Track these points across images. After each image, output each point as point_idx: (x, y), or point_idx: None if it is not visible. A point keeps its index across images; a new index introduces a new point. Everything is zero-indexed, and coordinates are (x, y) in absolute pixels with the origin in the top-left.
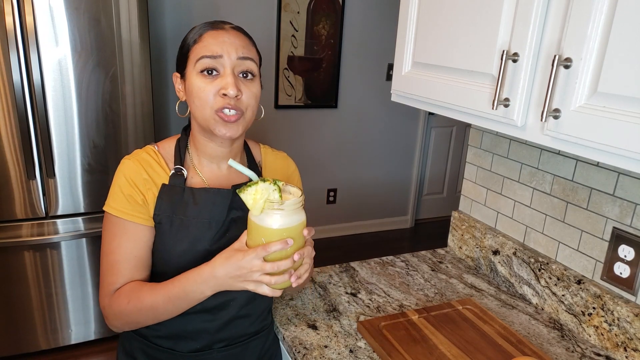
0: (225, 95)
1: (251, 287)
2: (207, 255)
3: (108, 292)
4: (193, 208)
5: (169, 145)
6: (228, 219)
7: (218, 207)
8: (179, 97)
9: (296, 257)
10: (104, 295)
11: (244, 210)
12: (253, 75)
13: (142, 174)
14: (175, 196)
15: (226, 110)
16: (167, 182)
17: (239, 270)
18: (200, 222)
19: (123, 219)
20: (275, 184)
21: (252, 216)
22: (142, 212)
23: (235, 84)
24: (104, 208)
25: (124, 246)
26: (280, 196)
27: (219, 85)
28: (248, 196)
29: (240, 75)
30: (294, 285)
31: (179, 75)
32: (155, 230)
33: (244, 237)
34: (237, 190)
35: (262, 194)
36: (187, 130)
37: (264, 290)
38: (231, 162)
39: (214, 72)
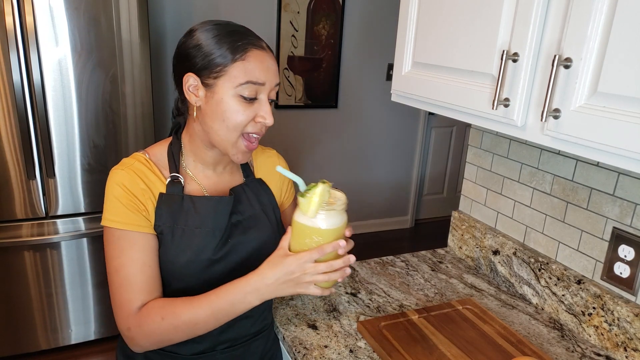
0: (259, 122)
1: (302, 289)
2: (210, 265)
3: (130, 312)
4: (194, 217)
5: (160, 152)
6: (229, 225)
7: (220, 214)
8: (189, 100)
9: (341, 251)
10: (125, 317)
11: (243, 214)
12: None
13: (139, 184)
14: (174, 205)
15: (255, 135)
16: (164, 191)
17: (291, 274)
18: (203, 231)
19: (128, 230)
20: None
21: (304, 219)
22: (146, 222)
23: (272, 112)
24: (103, 223)
25: (135, 258)
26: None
27: (255, 111)
28: (306, 199)
29: (269, 99)
30: (339, 279)
31: (198, 78)
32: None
33: (285, 242)
34: (298, 195)
35: (321, 197)
36: (177, 133)
37: (314, 291)
38: (279, 169)
39: (254, 98)
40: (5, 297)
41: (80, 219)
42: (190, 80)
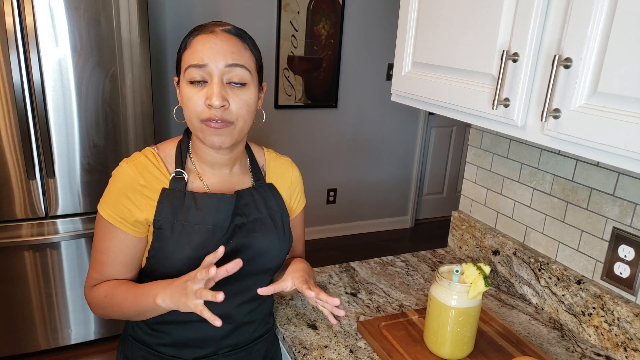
0: (210, 105)
1: (186, 298)
2: None
3: (89, 285)
4: (195, 213)
5: (169, 148)
6: (232, 225)
7: (222, 213)
8: (178, 102)
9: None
10: (86, 286)
11: (248, 217)
12: (244, 83)
13: (138, 181)
14: (175, 201)
15: (213, 122)
16: (167, 186)
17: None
18: (203, 228)
19: (112, 224)
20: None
21: (459, 302)
22: (131, 223)
23: (221, 93)
24: (98, 207)
25: (111, 250)
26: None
27: (205, 94)
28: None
29: (231, 83)
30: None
31: (176, 79)
32: (155, 235)
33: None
34: (487, 283)
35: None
36: (189, 132)
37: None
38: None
39: (202, 81)
40: (5, 297)
41: (79, 219)
42: (175, 84)
